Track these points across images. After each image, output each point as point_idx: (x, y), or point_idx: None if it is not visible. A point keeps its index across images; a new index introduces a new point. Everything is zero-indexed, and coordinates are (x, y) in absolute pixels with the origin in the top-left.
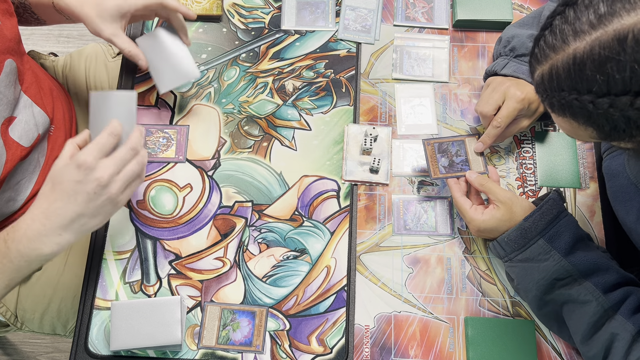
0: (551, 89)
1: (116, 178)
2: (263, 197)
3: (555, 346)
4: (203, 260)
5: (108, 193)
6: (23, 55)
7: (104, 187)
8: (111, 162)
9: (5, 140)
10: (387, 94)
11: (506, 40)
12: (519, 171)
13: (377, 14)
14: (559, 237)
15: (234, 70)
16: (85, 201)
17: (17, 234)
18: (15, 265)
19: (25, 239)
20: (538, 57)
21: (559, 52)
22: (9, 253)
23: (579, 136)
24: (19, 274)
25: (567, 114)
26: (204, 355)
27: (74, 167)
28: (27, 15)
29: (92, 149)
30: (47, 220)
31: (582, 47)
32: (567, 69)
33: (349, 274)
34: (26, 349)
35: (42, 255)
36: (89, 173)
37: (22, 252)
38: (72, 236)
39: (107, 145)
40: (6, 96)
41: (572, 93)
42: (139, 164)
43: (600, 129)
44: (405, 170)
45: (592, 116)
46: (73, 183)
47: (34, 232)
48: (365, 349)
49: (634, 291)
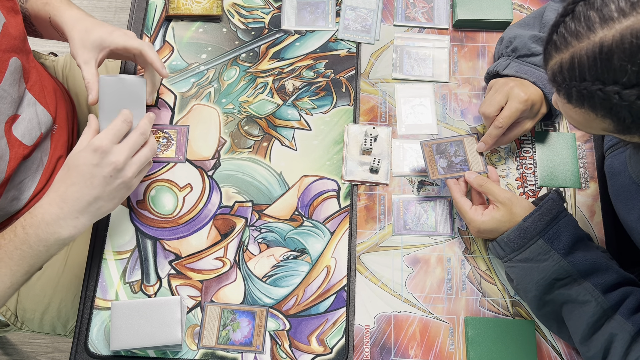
0: (571, 79)
1: (130, 162)
2: (263, 197)
3: (555, 346)
4: (203, 260)
5: (123, 177)
6: (29, 54)
7: (120, 171)
8: (125, 147)
9: (8, 139)
10: (387, 94)
11: (508, 40)
12: (519, 171)
13: (377, 14)
14: (558, 238)
15: (234, 70)
16: (101, 184)
17: (35, 219)
18: (34, 250)
19: (43, 224)
20: (557, 45)
21: (582, 40)
22: (28, 239)
23: (591, 128)
24: (38, 260)
25: (585, 105)
26: (204, 355)
27: (91, 151)
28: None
29: (108, 133)
30: (65, 204)
31: (610, 35)
32: (592, 58)
33: (349, 274)
34: (26, 349)
35: (60, 239)
36: (104, 157)
37: (40, 237)
38: (88, 219)
39: (121, 131)
40: (11, 94)
41: (596, 84)
42: (150, 149)
43: (620, 122)
44: (405, 170)
45: (614, 108)
46: (90, 167)
47: (52, 215)
48: (365, 349)
49: (633, 291)
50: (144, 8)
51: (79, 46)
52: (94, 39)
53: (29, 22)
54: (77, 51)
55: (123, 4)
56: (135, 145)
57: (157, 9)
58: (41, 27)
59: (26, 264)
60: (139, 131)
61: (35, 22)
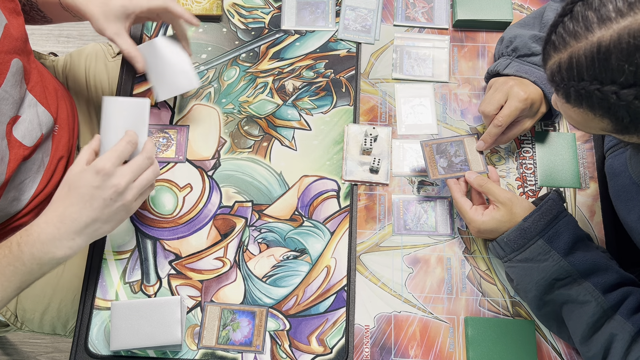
0: (569, 78)
1: (132, 185)
2: (263, 197)
3: (555, 346)
4: (203, 260)
5: (123, 200)
6: (30, 55)
7: (120, 194)
8: (128, 170)
9: (9, 140)
10: (387, 94)
11: (508, 40)
12: (519, 171)
13: (377, 14)
14: (558, 238)
15: (234, 70)
16: (101, 207)
17: (30, 238)
18: (27, 268)
19: (38, 243)
20: (556, 44)
21: (581, 39)
22: (22, 256)
23: (590, 128)
24: (30, 277)
25: (583, 104)
26: (204, 355)
27: (93, 172)
28: (33, 13)
29: (111, 155)
30: (62, 224)
31: (608, 35)
32: (590, 58)
33: (349, 274)
34: (26, 349)
35: (54, 259)
36: (106, 179)
37: (35, 256)
38: (84, 241)
39: (125, 152)
40: (12, 95)
41: (594, 83)
42: (153, 172)
43: (619, 121)
44: (405, 170)
45: (612, 108)
46: (91, 188)
47: (47, 235)
48: (365, 349)
49: (633, 291)
50: None
51: (103, 20)
52: (117, 8)
53: (37, 10)
54: (102, 25)
55: None
56: (140, 169)
57: None
58: (51, 12)
59: (18, 280)
60: (144, 155)
61: (44, 8)
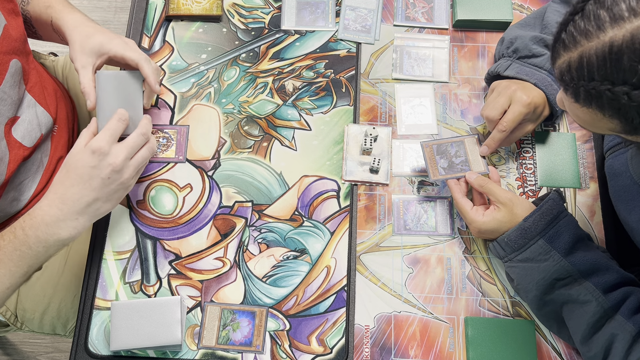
0: (579, 78)
1: (128, 163)
2: (263, 197)
3: (555, 346)
4: (203, 261)
5: (121, 178)
6: (28, 55)
7: (118, 172)
8: (123, 148)
9: (8, 141)
10: (387, 94)
11: (509, 41)
12: (519, 171)
13: (377, 14)
14: (558, 237)
15: (234, 70)
16: (100, 186)
17: (34, 221)
18: (34, 251)
19: (43, 225)
20: (566, 43)
21: (592, 39)
22: (27, 240)
23: (597, 128)
24: (37, 261)
25: (593, 104)
26: (204, 355)
27: (89, 152)
28: (26, 26)
29: (105, 134)
30: (64, 205)
31: (620, 35)
32: (601, 57)
33: (349, 274)
34: (26, 349)
35: (60, 240)
36: (103, 158)
37: (40, 238)
38: (87, 220)
39: (117, 130)
40: (11, 96)
41: (605, 83)
42: (149, 150)
43: (628, 122)
44: (405, 171)
45: (622, 108)
46: (89, 169)
47: (51, 217)
48: (365, 349)
49: (634, 291)
50: (144, 8)
51: (78, 50)
52: (94, 44)
53: (30, 25)
54: (75, 55)
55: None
56: (135, 146)
57: (157, 9)
58: (42, 30)
59: (25, 264)
60: (139, 131)
61: (36, 24)
